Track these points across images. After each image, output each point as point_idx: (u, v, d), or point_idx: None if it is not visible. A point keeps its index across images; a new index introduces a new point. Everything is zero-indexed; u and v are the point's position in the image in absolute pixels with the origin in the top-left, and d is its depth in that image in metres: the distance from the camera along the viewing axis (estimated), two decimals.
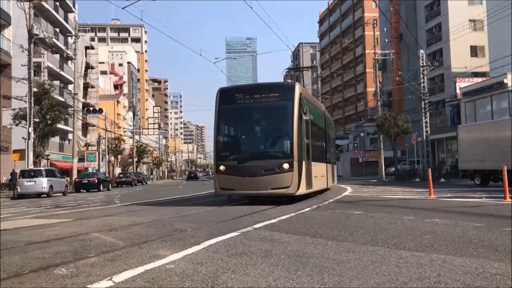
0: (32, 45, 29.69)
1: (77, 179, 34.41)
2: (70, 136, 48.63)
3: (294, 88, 13.04)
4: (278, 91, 13.31)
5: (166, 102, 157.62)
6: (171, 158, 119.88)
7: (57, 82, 44.53)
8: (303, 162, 12.76)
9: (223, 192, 13.15)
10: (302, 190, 12.60)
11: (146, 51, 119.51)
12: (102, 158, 50.24)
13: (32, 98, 29.52)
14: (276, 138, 13.20)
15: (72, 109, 39.86)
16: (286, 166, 12.15)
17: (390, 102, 54.90)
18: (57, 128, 36.59)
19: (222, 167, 12.78)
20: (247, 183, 12.32)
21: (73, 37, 40.03)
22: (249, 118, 13.46)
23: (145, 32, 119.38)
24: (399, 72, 43.03)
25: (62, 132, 45.05)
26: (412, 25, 48.27)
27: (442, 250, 5.10)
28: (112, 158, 57.11)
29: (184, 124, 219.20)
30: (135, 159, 65.71)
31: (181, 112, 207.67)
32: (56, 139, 43.56)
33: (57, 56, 48.34)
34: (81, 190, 32.87)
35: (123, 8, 23.84)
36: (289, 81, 20.23)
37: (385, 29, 50.86)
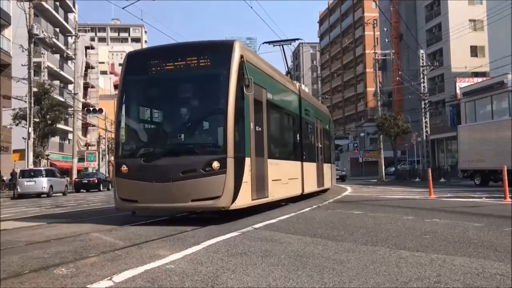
0: (32, 45, 29.71)
1: (77, 179, 34.44)
2: (70, 136, 48.65)
3: (232, 48, 8.55)
4: (208, 55, 8.72)
5: None
6: None
7: (57, 82, 44.57)
8: (247, 160, 8.52)
9: (124, 205, 8.75)
10: (244, 201, 8.38)
11: None
12: (102, 158, 50.25)
13: (32, 98, 29.54)
14: (202, 123, 9.09)
15: (72, 109, 39.91)
16: (215, 165, 7.91)
17: (390, 102, 54.91)
18: (57, 128, 36.63)
19: (124, 168, 8.54)
20: (157, 192, 8.12)
21: (73, 37, 40.09)
22: (164, 95, 9.20)
23: (145, 32, 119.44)
24: (399, 72, 43.05)
25: (62, 132, 45.05)
26: (412, 25, 48.26)
27: (442, 250, 5.09)
28: (112, 158, 57.12)
29: None
30: None
31: None
32: (56, 139, 43.61)
33: (57, 56, 48.36)
34: (81, 190, 32.89)
35: (123, 8, 23.89)
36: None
37: (385, 29, 50.88)
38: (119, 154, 8.96)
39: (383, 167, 39.94)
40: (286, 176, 11.48)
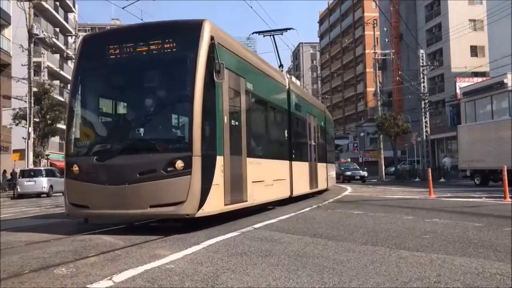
0: (32, 45, 29.73)
1: None
2: None
3: (200, 29, 7.31)
4: (173, 37, 7.45)
5: None
6: None
7: (57, 82, 44.58)
8: (219, 158, 7.35)
9: (75, 211, 7.55)
10: (214, 206, 7.21)
11: None
12: None
13: (32, 98, 29.54)
14: (164, 116, 7.77)
15: None
16: (179, 164, 6.78)
17: (390, 102, 54.91)
18: (57, 128, 36.61)
19: (75, 167, 7.41)
20: (110, 197, 6.97)
21: (73, 37, 40.08)
22: (122, 84, 8.10)
23: None
24: (399, 72, 43.05)
25: (62, 132, 44.98)
26: (412, 25, 48.26)
27: (442, 250, 5.10)
28: None
29: None
30: None
31: None
32: (56, 139, 43.57)
33: (57, 56, 48.36)
34: None
35: (123, 8, 23.88)
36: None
37: (385, 29, 50.88)
38: (70, 151, 7.71)
39: (383, 167, 39.93)
40: (271, 177, 10.24)
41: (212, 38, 7.35)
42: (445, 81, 45.15)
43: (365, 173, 35.89)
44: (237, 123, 8.26)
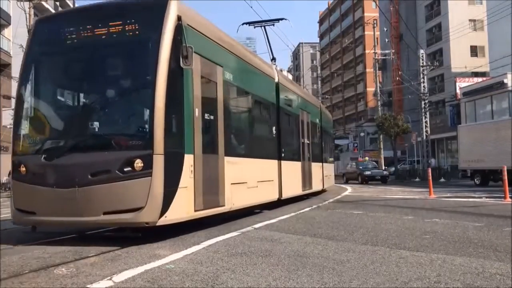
0: None
1: None
2: None
3: (165, 8, 6.43)
4: (136, 17, 6.53)
5: None
6: None
7: None
8: (187, 157, 6.44)
9: (21, 218, 6.53)
10: (180, 212, 6.31)
11: None
12: None
13: None
14: (122, 107, 6.79)
15: None
16: (138, 164, 5.88)
17: (390, 102, 54.92)
18: None
19: (22, 168, 6.51)
20: (59, 201, 6.05)
21: None
22: (77, 71, 7.04)
23: None
24: (399, 72, 43.06)
25: None
26: (412, 25, 48.27)
27: (442, 250, 5.10)
28: None
29: None
30: None
31: None
32: None
33: None
34: None
35: None
36: None
37: (385, 29, 50.90)
38: (18, 149, 6.75)
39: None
40: (255, 178, 9.36)
41: (179, 19, 6.42)
42: (445, 81, 45.15)
43: (386, 173, 32.59)
44: (212, 117, 7.28)
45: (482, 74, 41.89)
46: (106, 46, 6.64)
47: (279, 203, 11.29)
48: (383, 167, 39.82)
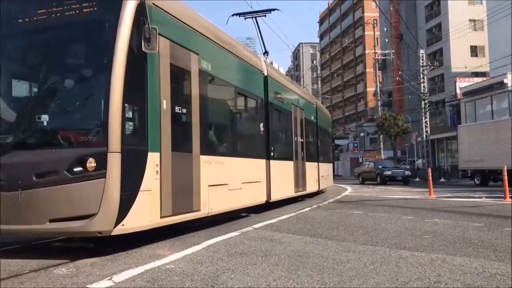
0: None
1: None
2: None
3: None
4: None
5: None
6: None
7: None
8: (151, 155, 5.63)
9: None
10: (141, 220, 5.47)
11: None
12: None
13: None
14: (73, 98, 5.89)
15: None
16: (90, 164, 5.07)
17: (390, 102, 54.92)
18: None
19: None
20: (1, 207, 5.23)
21: None
22: (25, 57, 6.18)
23: None
24: (399, 72, 43.06)
25: None
26: (412, 25, 48.26)
27: (442, 250, 5.10)
28: None
29: None
30: None
31: None
32: None
33: None
34: None
35: None
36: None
37: (385, 29, 50.91)
38: None
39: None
40: (238, 179, 8.45)
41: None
42: (445, 81, 45.15)
43: (408, 173, 29.85)
44: (185, 110, 6.50)
45: (482, 74, 41.89)
46: (57, 28, 5.73)
47: (268, 206, 10.42)
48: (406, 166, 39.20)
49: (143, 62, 5.58)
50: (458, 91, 38.71)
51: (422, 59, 36.92)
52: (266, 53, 12.48)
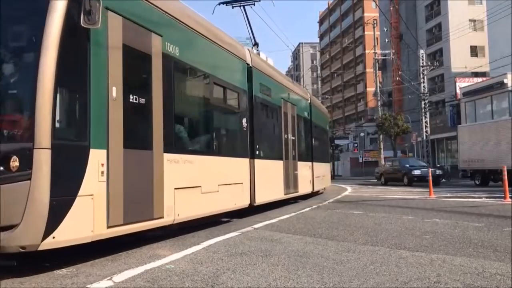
0: None
1: None
2: None
3: None
4: None
5: None
6: None
7: None
8: (95, 153, 4.73)
9: None
10: (78, 231, 4.55)
11: None
12: None
13: None
14: None
15: None
16: (13, 163, 4.12)
17: (390, 102, 54.92)
18: None
19: None
20: None
21: None
22: None
23: None
24: (399, 72, 43.05)
25: None
26: (412, 25, 48.26)
27: (442, 250, 5.10)
28: None
29: None
30: None
31: None
32: None
33: None
34: None
35: None
36: None
37: (385, 29, 50.89)
38: None
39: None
40: (215, 181, 7.47)
41: None
42: (445, 81, 45.15)
43: (440, 172, 26.28)
44: (143, 100, 5.53)
45: (482, 74, 41.90)
46: None
47: (251, 210, 9.44)
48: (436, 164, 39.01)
49: (84, 40, 4.65)
50: (458, 91, 38.71)
51: (422, 59, 36.93)
52: (256, 44, 11.53)
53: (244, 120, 9.05)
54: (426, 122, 36.33)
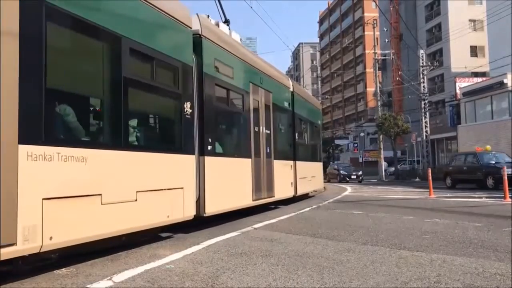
0: None
1: None
2: None
3: None
4: None
5: None
6: None
7: None
8: None
9: None
10: None
11: None
12: None
13: None
14: None
15: None
16: None
17: (390, 102, 54.95)
18: None
19: None
20: None
21: None
22: None
23: None
24: (399, 72, 43.08)
25: None
26: (412, 25, 48.29)
27: (442, 250, 5.10)
28: None
29: None
30: None
31: None
32: None
33: None
34: None
35: None
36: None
37: (385, 29, 50.91)
38: None
39: (383, 167, 39.93)
40: (130, 187, 5.32)
41: None
42: (445, 81, 45.18)
43: None
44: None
45: (482, 74, 41.93)
46: None
47: (201, 221, 7.25)
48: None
49: None
50: (458, 91, 38.73)
51: (422, 59, 36.95)
52: (226, 22, 9.60)
53: (187, 105, 6.71)
54: (426, 122, 36.35)
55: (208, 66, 7.45)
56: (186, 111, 6.71)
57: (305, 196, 14.88)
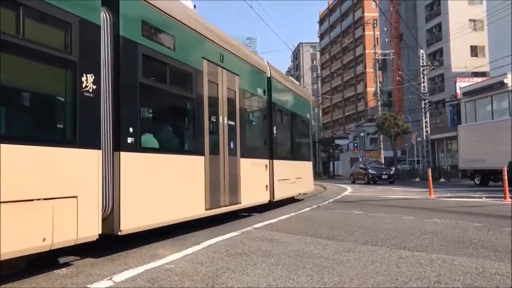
0: None
1: None
2: None
3: None
4: None
5: None
6: None
7: None
8: None
9: None
10: None
11: None
12: None
13: None
14: None
15: None
16: None
17: (390, 102, 54.94)
18: None
19: None
20: None
21: None
22: None
23: None
24: (399, 72, 43.08)
25: None
26: (412, 25, 48.27)
27: (442, 250, 5.10)
28: None
29: None
30: None
31: None
32: None
33: None
34: None
35: None
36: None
37: (385, 29, 50.93)
38: None
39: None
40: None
41: None
42: (445, 81, 45.17)
43: None
44: None
45: (482, 74, 41.93)
46: None
47: (111, 243, 5.54)
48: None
49: None
50: (458, 91, 38.75)
51: (422, 59, 36.95)
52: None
53: (87, 78, 4.76)
54: (426, 122, 36.36)
55: (128, 29, 5.54)
56: (85, 86, 4.74)
57: (290, 200, 13.05)
